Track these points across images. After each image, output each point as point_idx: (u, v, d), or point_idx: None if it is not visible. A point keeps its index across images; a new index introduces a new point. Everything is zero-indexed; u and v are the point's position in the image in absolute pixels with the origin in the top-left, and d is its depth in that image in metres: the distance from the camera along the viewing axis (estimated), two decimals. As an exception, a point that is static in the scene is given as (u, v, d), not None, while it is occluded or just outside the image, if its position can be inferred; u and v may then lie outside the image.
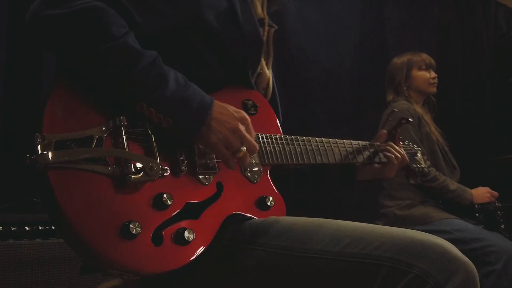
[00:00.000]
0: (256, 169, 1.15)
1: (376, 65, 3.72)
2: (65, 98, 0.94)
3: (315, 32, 3.32)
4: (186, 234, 0.94)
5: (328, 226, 0.98)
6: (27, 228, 1.71)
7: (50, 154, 0.86)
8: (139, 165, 0.94)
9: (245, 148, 1.04)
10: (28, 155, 0.87)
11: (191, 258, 0.96)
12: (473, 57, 4.54)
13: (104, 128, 0.94)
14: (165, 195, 0.95)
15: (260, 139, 1.18)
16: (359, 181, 1.51)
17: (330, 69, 3.47)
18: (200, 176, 1.04)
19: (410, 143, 1.69)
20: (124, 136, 0.95)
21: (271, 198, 1.13)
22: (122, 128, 0.95)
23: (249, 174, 1.13)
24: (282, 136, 1.23)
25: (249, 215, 1.10)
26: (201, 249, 0.98)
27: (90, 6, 0.96)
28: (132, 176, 0.92)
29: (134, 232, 0.88)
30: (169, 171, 0.99)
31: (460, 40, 4.48)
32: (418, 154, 1.66)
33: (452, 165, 2.77)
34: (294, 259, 0.96)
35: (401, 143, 1.58)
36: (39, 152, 0.86)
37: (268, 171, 1.19)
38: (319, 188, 3.02)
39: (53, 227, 1.75)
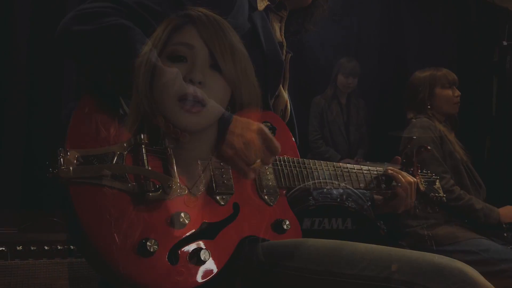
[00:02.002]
0: (272, 191, 1.15)
1: (395, 82, 3.68)
2: (88, 116, 0.97)
3: (332, 49, 3.30)
4: (202, 254, 0.95)
5: (345, 249, 0.97)
6: (46, 247, 1.72)
7: (71, 169, 0.88)
8: (157, 183, 0.95)
9: (259, 160, 1.04)
10: (50, 169, 0.89)
11: (206, 278, 0.95)
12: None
13: (125, 145, 0.96)
14: (182, 214, 0.96)
15: (277, 162, 1.18)
16: (378, 213, 1.51)
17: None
18: (217, 197, 1.05)
19: (429, 172, 1.67)
20: (144, 154, 0.96)
21: (287, 222, 1.13)
22: (143, 146, 0.97)
23: (265, 196, 1.14)
24: (299, 159, 1.24)
25: (265, 237, 1.10)
26: (216, 269, 0.97)
27: (118, 24, 1.00)
28: (151, 194, 0.93)
29: (151, 250, 0.89)
30: (187, 190, 1.00)
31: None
32: (437, 183, 1.65)
33: (477, 184, 2.70)
34: (310, 281, 0.96)
35: (419, 171, 1.58)
36: (61, 166, 0.88)
37: (285, 194, 1.19)
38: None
39: (71, 247, 1.77)
